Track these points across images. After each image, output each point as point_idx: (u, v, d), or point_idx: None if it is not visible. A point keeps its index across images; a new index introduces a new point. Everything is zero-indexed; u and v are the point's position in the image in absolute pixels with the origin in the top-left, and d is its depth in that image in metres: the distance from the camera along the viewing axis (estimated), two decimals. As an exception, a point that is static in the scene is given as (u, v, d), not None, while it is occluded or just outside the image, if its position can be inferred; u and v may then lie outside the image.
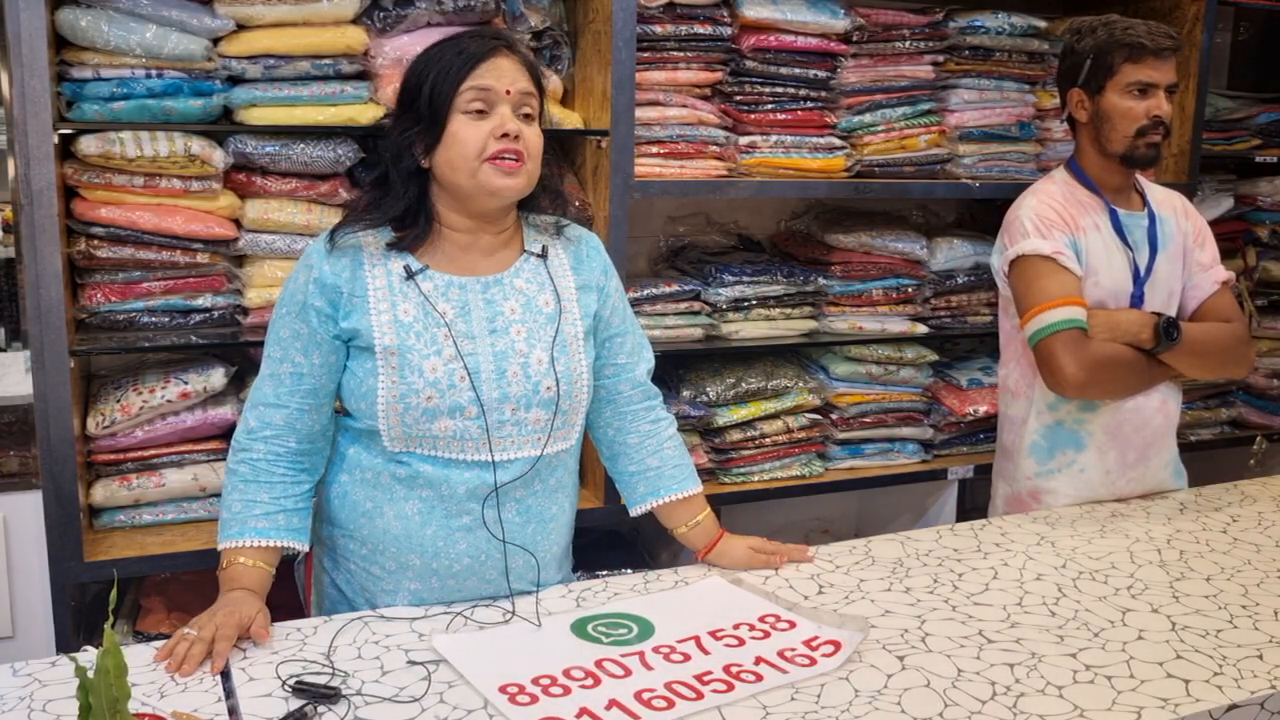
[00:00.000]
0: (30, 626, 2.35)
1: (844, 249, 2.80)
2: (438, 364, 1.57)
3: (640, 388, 1.78)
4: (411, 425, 1.57)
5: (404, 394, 1.56)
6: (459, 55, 1.55)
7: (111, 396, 2.23)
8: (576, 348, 1.66)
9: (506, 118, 1.54)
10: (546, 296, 1.65)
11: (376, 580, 1.66)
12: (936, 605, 1.65)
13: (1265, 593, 1.71)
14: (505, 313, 1.62)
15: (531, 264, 1.67)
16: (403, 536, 1.63)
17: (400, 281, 1.59)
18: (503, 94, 1.54)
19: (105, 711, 1.02)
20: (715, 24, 2.55)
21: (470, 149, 1.54)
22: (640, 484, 1.79)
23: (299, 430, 1.62)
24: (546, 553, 1.70)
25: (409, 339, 1.57)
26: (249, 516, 1.58)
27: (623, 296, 1.78)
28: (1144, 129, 2.11)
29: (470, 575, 1.64)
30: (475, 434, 1.59)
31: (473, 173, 1.54)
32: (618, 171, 2.38)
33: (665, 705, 1.33)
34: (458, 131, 1.54)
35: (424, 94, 1.55)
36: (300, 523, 1.62)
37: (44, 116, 1.97)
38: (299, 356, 1.60)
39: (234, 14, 2.16)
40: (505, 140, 1.53)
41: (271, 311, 2.27)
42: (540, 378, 1.61)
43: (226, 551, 1.59)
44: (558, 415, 1.63)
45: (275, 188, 2.27)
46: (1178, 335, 2.08)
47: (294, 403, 1.61)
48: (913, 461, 2.89)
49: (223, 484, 1.62)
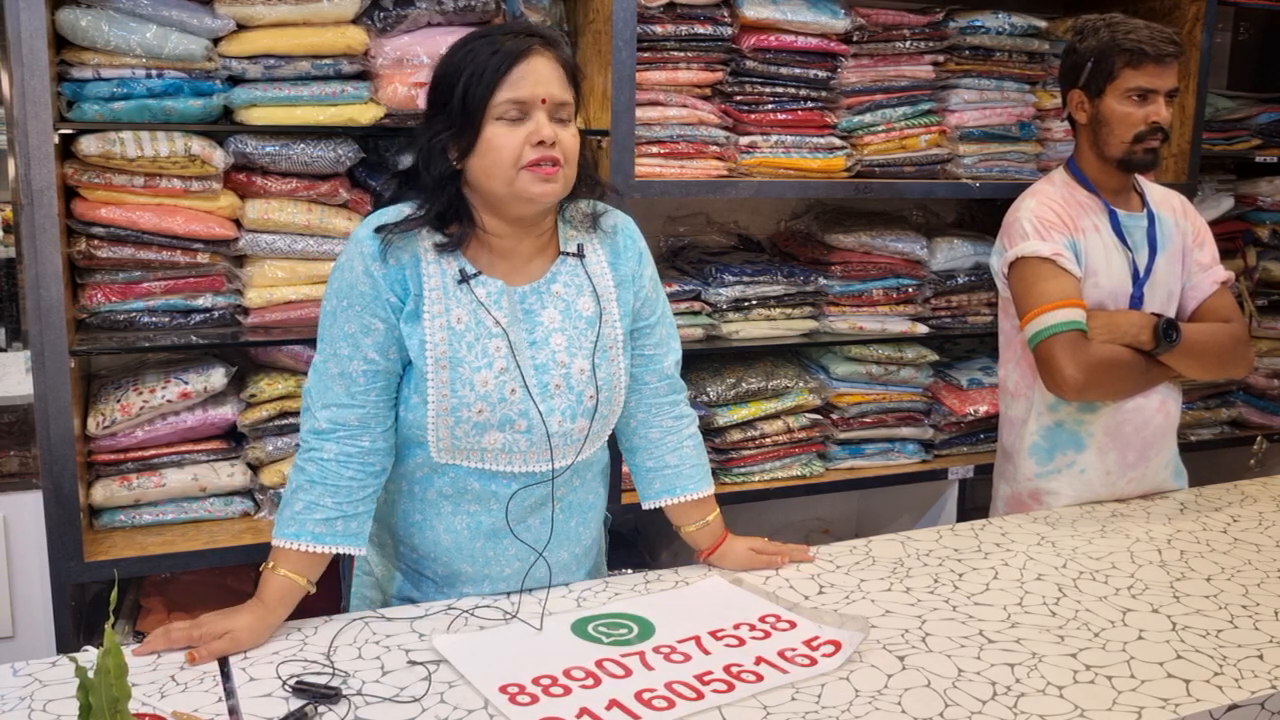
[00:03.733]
0: (30, 626, 2.35)
1: (844, 249, 2.80)
2: (489, 377, 1.54)
3: (667, 380, 1.74)
4: (461, 438, 1.55)
5: (455, 407, 1.53)
6: (494, 55, 1.48)
7: (111, 396, 2.23)
8: (617, 351, 1.63)
9: (543, 124, 1.48)
10: (586, 300, 1.61)
11: (428, 581, 1.69)
12: (937, 605, 1.65)
13: (1265, 593, 1.71)
14: (545, 322, 1.58)
15: (569, 265, 1.61)
16: (453, 549, 1.64)
17: (454, 285, 1.54)
18: (538, 103, 1.48)
19: (105, 711, 1.02)
20: (715, 24, 2.55)
21: (506, 156, 1.48)
22: (657, 480, 1.77)
23: (373, 429, 1.56)
24: (587, 539, 1.73)
25: (460, 349, 1.53)
26: (309, 520, 1.54)
27: (656, 285, 1.72)
28: (1142, 134, 2.11)
29: (518, 576, 1.66)
30: (524, 446, 1.57)
31: (509, 181, 1.49)
32: (618, 171, 2.38)
33: (666, 705, 1.33)
34: (493, 139, 1.48)
35: (457, 96, 1.49)
36: (359, 527, 1.57)
37: (44, 116, 1.97)
38: (373, 353, 1.54)
39: (234, 14, 2.16)
40: (542, 148, 1.48)
41: (272, 312, 2.30)
42: (583, 388, 1.59)
43: (276, 550, 1.55)
44: (596, 420, 1.62)
45: (275, 188, 2.27)
46: (1177, 336, 2.08)
47: (370, 400, 1.55)
48: (913, 461, 2.89)
49: (288, 479, 1.58)
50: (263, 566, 1.55)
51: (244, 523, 2.33)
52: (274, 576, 1.53)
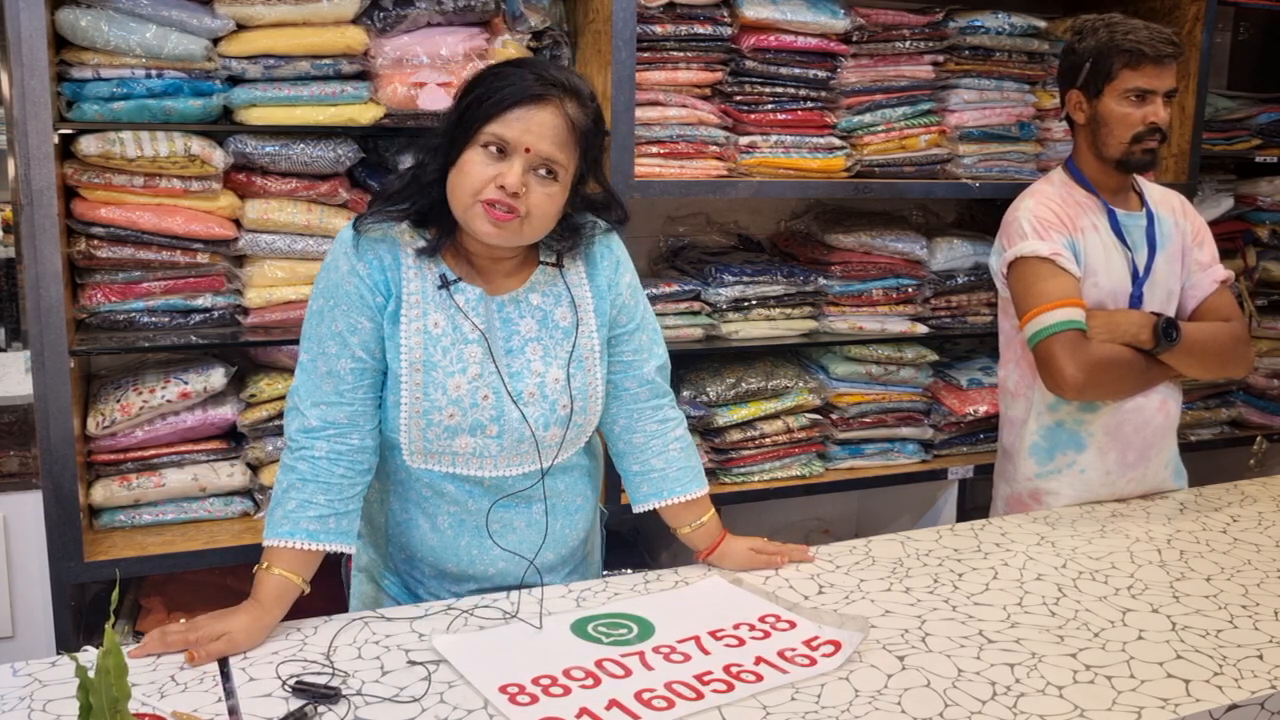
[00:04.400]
0: (30, 626, 2.35)
1: (844, 249, 2.80)
2: (462, 382, 1.56)
3: (648, 385, 1.74)
4: (433, 441, 1.58)
5: (426, 410, 1.56)
6: (510, 87, 1.48)
7: (111, 396, 2.23)
8: (593, 361, 1.65)
9: (513, 171, 1.47)
10: (563, 310, 1.63)
11: (419, 583, 1.71)
12: (937, 605, 1.65)
13: (1265, 593, 1.71)
14: (521, 331, 1.61)
15: (547, 275, 1.63)
16: (439, 548, 1.66)
17: (434, 290, 1.57)
18: (521, 151, 1.48)
19: (105, 711, 1.02)
20: (715, 24, 2.55)
21: (470, 184, 1.49)
22: (644, 484, 1.78)
23: (362, 427, 1.58)
24: (574, 539, 1.74)
25: (435, 354, 1.56)
26: (302, 518, 1.54)
27: (635, 291, 1.72)
28: (1140, 135, 2.11)
29: (507, 577, 1.68)
30: (494, 451, 1.60)
31: (465, 208, 1.50)
32: (618, 171, 2.38)
33: (665, 705, 1.33)
34: (466, 163, 1.49)
35: (461, 108, 1.51)
36: (350, 525, 1.59)
37: (44, 116, 1.97)
38: (360, 351, 1.56)
39: (234, 14, 2.16)
40: (501, 192, 1.47)
41: (272, 312, 2.30)
42: (556, 396, 1.61)
43: (269, 550, 1.54)
44: (570, 429, 1.63)
45: (275, 188, 2.27)
46: (1177, 335, 2.08)
47: (359, 398, 1.57)
48: (913, 461, 2.89)
49: (276, 479, 1.59)
50: (256, 567, 1.55)
51: (244, 523, 2.33)
52: (269, 576, 1.53)
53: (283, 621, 1.54)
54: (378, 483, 1.68)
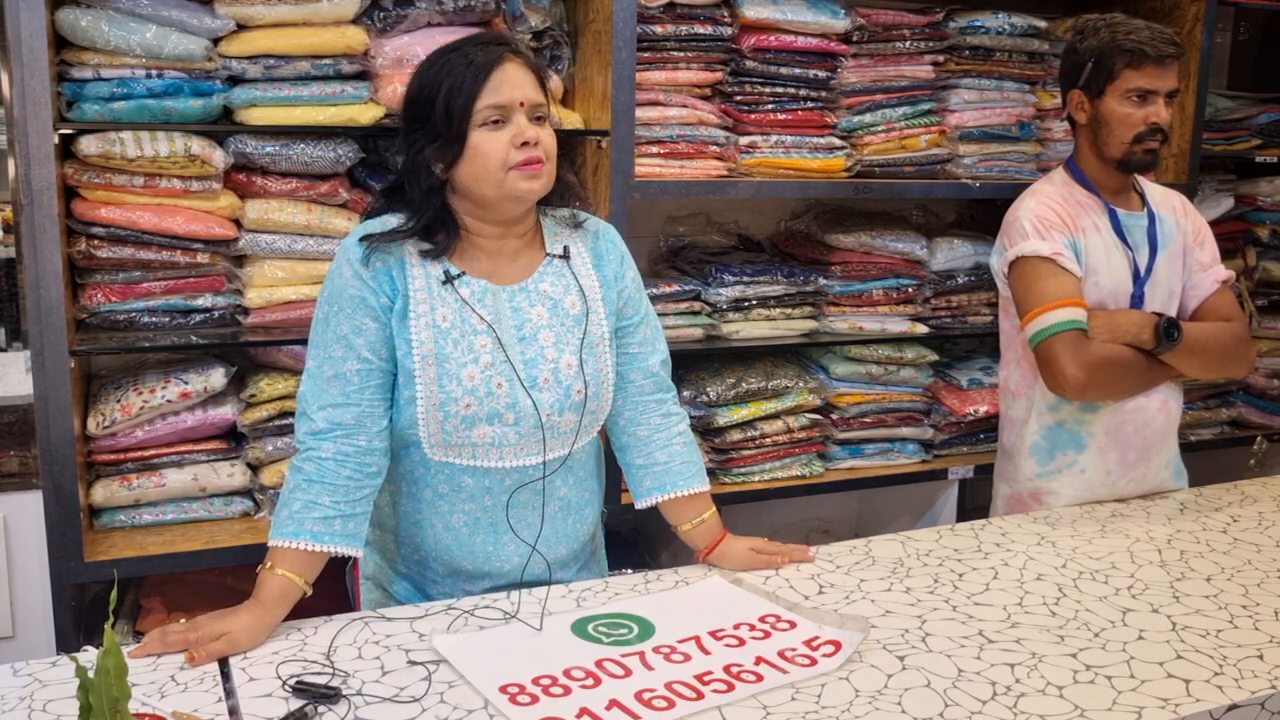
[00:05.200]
0: (30, 626, 2.36)
1: (844, 249, 2.80)
2: (475, 371, 1.58)
3: (653, 378, 1.77)
4: (451, 433, 1.59)
5: (443, 402, 1.58)
6: (469, 67, 1.54)
7: (111, 396, 2.23)
8: (604, 348, 1.68)
9: (525, 126, 1.56)
10: (573, 298, 1.67)
11: (432, 583, 1.72)
12: (937, 605, 1.65)
13: (1265, 593, 1.71)
14: (533, 319, 1.64)
15: (555, 266, 1.68)
16: (454, 546, 1.67)
17: (439, 286, 1.60)
18: (517, 106, 1.55)
19: (105, 711, 1.02)
20: (715, 24, 2.55)
21: (494, 160, 1.55)
22: (646, 478, 1.79)
23: (369, 429, 1.59)
24: (583, 535, 1.76)
25: (446, 346, 1.58)
26: (307, 518, 1.55)
27: (639, 286, 1.78)
28: (1142, 135, 2.11)
29: (518, 572, 1.69)
30: (513, 439, 1.61)
31: (499, 183, 1.56)
32: (618, 171, 2.38)
33: (665, 705, 1.33)
34: (479, 145, 1.55)
35: (438, 109, 1.55)
36: (356, 528, 1.59)
37: (44, 116, 1.97)
38: (366, 352, 1.58)
39: (234, 14, 2.16)
40: (526, 148, 1.55)
41: (272, 312, 2.30)
42: (570, 382, 1.64)
43: (273, 550, 1.55)
44: (585, 415, 1.66)
45: (275, 188, 2.27)
46: (1178, 335, 2.08)
47: (365, 399, 1.58)
48: (913, 461, 2.89)
49: (285, 480, 1.59)
50: (260, 567, 1.55)
51: (244, 523, 2.33)
52: (271, 576, 1.53)
53: (283, 621, 1.54)
54: (389, 485, 1.69)
